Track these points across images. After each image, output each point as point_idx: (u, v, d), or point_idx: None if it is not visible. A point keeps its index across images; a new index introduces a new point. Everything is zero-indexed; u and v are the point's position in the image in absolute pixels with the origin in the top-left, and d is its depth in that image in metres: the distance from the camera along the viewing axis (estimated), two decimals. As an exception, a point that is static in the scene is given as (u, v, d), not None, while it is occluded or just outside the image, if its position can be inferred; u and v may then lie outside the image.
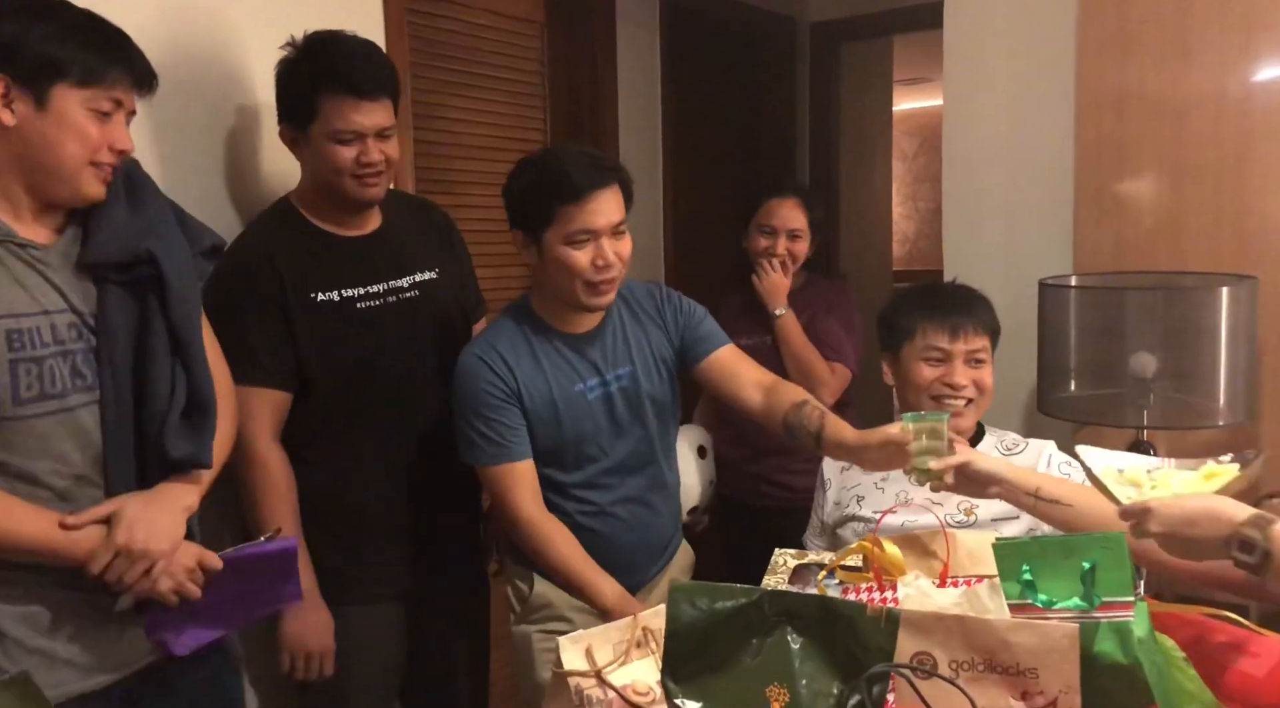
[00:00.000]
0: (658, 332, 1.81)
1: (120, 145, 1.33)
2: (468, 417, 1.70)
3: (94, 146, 1.30)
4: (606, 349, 1.77)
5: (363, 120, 1.68)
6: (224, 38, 1.88)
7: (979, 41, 2.52)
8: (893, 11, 3.65)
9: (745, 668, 1.04)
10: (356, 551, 1.78)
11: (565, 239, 1.64)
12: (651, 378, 1.79)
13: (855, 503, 1.77)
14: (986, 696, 1.00)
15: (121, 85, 1.32)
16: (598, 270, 1.65)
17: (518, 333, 1.74)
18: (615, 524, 1.77)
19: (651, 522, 1.83)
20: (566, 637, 1.20)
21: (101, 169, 1.32)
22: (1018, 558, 1.09)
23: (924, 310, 1.76)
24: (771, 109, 3.81)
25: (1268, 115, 2.13)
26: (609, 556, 1.73)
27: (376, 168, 1.72)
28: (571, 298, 1.69)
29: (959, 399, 1.72)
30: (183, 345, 1.38)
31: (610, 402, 1.74)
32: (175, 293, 1.36)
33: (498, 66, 2.64)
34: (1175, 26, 2.21)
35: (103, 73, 1.30)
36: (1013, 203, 2.49)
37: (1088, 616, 1.04)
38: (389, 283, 1.80)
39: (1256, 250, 2.14)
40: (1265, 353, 2.09)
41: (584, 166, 1.65)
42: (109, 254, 1.33)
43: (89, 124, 1.29)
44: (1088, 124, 2.33)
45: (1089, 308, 2.08)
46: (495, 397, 1.68)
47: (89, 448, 1.32)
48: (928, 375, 1.73)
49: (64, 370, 1.29)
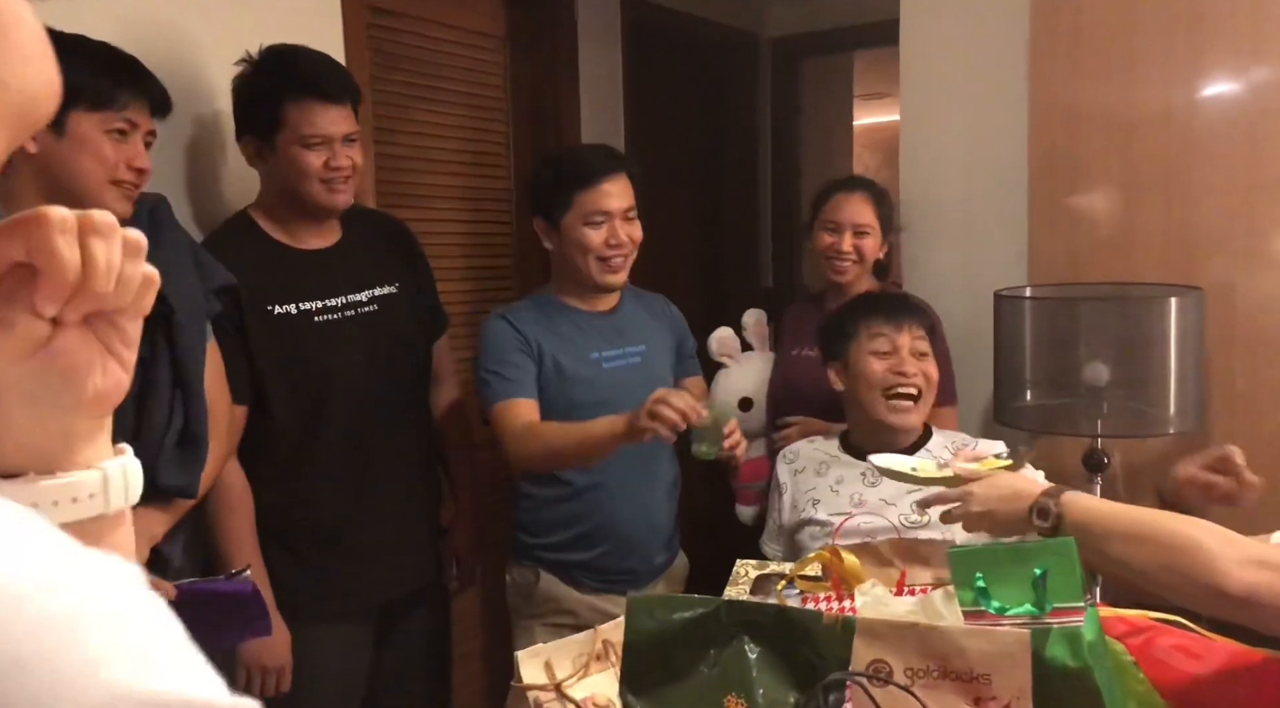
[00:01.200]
0: (663, 328, 2.00)
1: (138, 163, 1.42)
2: (485, 365, 1.83)
3: (112, 165, 1.39)
4: (623, 326, 1.95)
5: (330, 126, 1.70)
6: (182, 52, 1.87)
7: (934, 58, 2.56)
8: (853, 28, 3.70)
9: (703, 678, 1.04)
10: (313, 567, 1.77)
11: (583, 220, 1.83)
12: (661, 361, 1.96)
13: (811, 506, 1.80)
14: (941, 703, 1.01)
15: (134, 107, 1.42)
16: (610, 247, 1.84)
17: (539, 308, 1.91)
18: (615, 493, 1.87)
19: (649, 500, 1.92)
20: (524, 650, 1.20)
21: (124, 187, 1.40)
22: (971, 565, 1.10)
23: (865, 312, 1.87)
24: (734, 124, 3.85)
25: (1211, 130, 2.19)
26: (610, 527, 1.84)
27: (345, 173, 1.73)
28: (586, 276, 1.87)
29: (909, 387, 1.77)
30: (184, 381, 1.44)
31: (625, 373, 1.88)
32: (183, 332, 1.43)
33: (460, 81, 2.64)
34: (1123, 44, 2.26)
35: (114, 95, 1.39)
36: (969, 216, 2.53)
37: (1039, 621, 1.06)
38: (347, 297, 1.79)
39: (1202, 262, 2.19)
40: (1212, 362, 2.13)
41: (599, 156, 1.89)
42: None
43: (105, 144, 1.38)
44: (1040, 139, 2.38)
45: (1043, 319, 2.12)
46: (512, 345, 1.83)
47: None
48: (877, 368, 1.80)
49: None
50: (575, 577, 1.89)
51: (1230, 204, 2.18)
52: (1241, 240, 2.18)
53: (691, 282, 3.72)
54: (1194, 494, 1.44)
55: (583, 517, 1.86)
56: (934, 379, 1.82)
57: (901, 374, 1.79)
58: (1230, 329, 2.17)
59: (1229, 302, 2.17)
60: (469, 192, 2.69)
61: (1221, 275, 2.17)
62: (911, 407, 1.79)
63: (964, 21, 2.51)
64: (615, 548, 1.87)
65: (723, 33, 3.70)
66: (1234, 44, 2.16)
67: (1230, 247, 2.19)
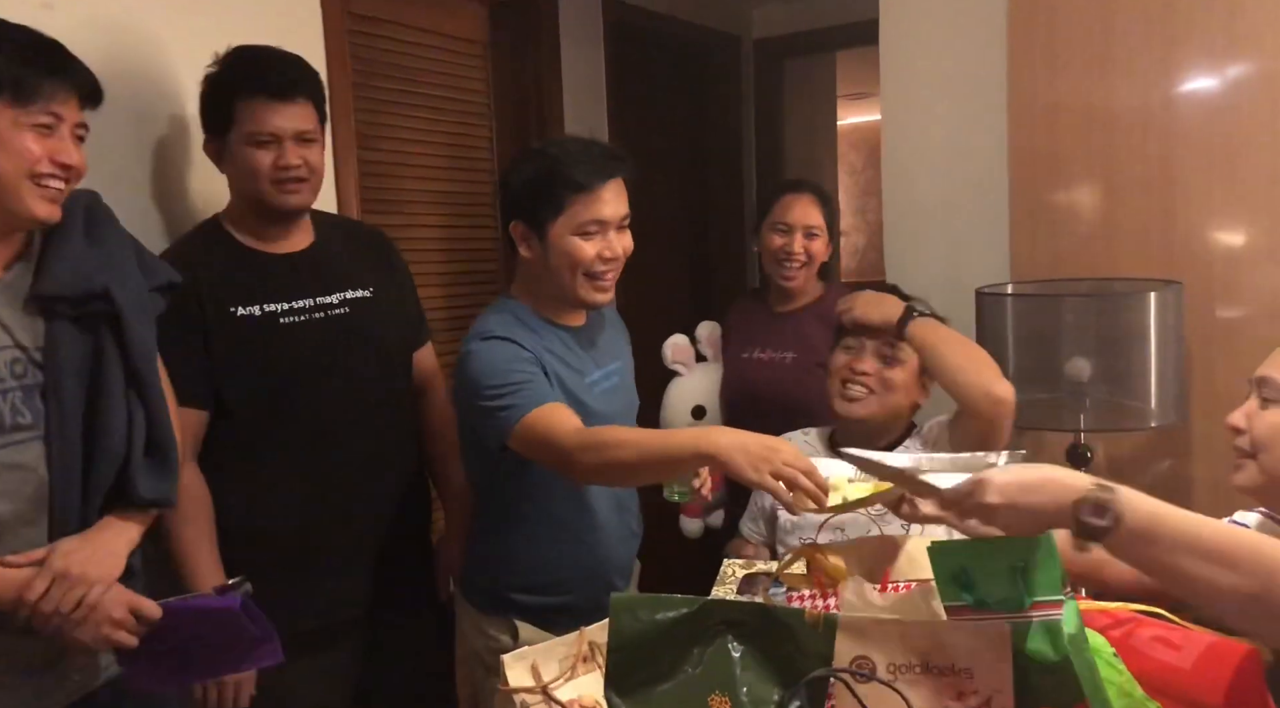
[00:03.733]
0: (622, 338, 1.86)
1: (63, 158, 1.29)
2: (494, 391, 1.53)
3: (31, 161, 1.26)
4: (597, 342, 1.74)
5: (279, 123, 1.66)
6: (161, 60, 1.87)
7: (914, 57, 2.58)
8: (835, 28, 3.72)
9: (687, 678, 1.04)
10: (277, 580, 1.56)
11: (575, 230, 1.58)
12: (630, 377, 1.82)
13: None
14: (924, 698, 1.02)
15: (59, 99, 1.28)
16: (603, 262, 1.61)
17: (520, 324, 1.64)
18: (601, 528, 1.71)
19: (625, 532, 1.78)
20: (510, 654, 1.20)
21: (46, 186, 1.28)
22: (952, 560, 1.11)
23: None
24: (718, 125, 3.86)
25: (1189, 126, 2.21)
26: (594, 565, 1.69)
27: (296, 172, 1.68)
28: (570, 292, 1.63)
29: (857, 385, 1.80)
30: (140, 384, 1.36)
31: (610, 397, 1.72)
32: (132, 330, 1.34)
33: (442, 86, 2.64)
34: (1100, 42, 2.28)
35: (35, 87, 1.26)
36: (951, 214, 2.55)
37: (1019, 615, 1.06)
38: (316, 299, 1.74)
39: (1182, 257, 2.21)
40: (1192, 356, 2.15)
41: (596, 156, 1.61)
42: (62, 287, 1.30)
43: (24, 139, 1.25)
44: (1020, 136, 2.39)
45: (1025, 315, 2.13)
46: (526, 363, 1.56)
47: (28, 486, 1.28)
48: (840, 361, 1.85)
49: (2, 408, 1.26)
50: (554, 621, 1.60)
51: (1209, 199, 2.20)
52: (1221, 234, 2.20)
53: (677, 283, 3.73)
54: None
55: (560, 559, 1.68)
56: (895, 384, 1.81)
57: (858, 372, 1.82)
58: (1211, 323, 2.19)
59: (1209, 295, 2.19)
60: (453, 197, 2.69)
61: (1201, 269, 2.19)
62: (863, 395, 1.81)
63: (943, 21, 2.53)
64: (597, 589, 1.64)
65: (705, 34, 3.71)
66: (1209, 40, 2.17)
67: (1210, 240, 2.21)
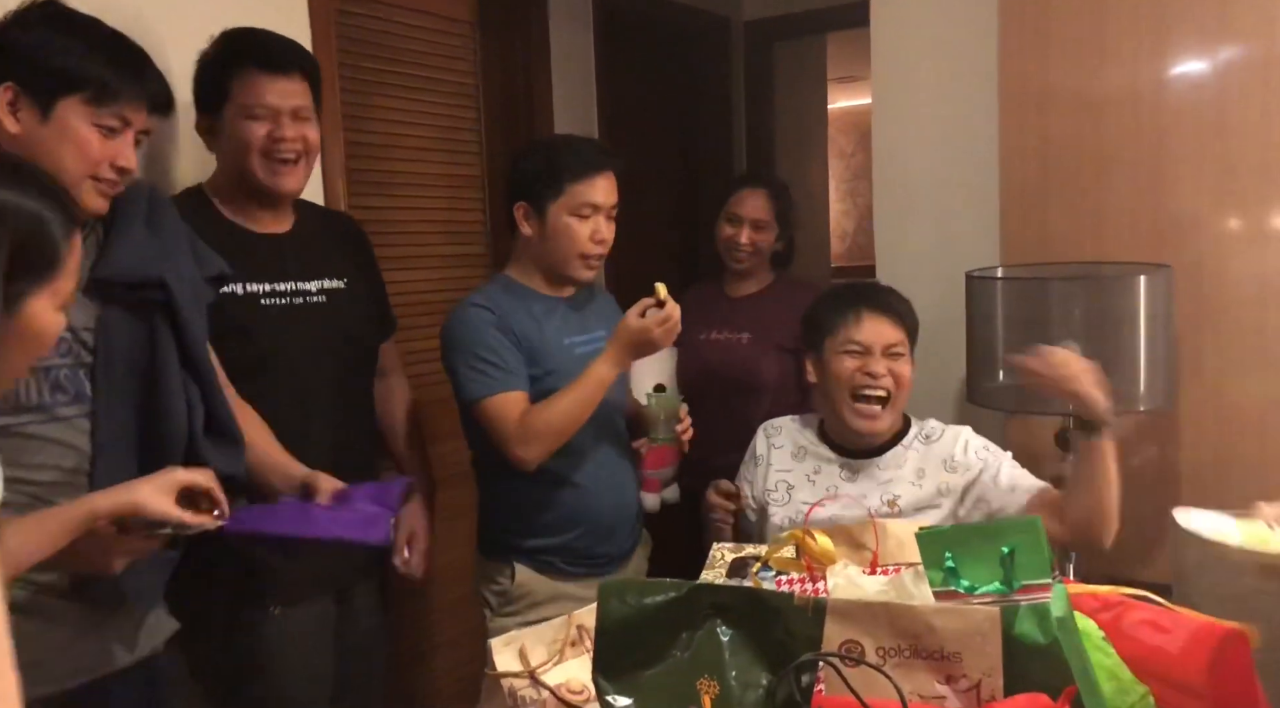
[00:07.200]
0: (613, 313, 1.97)
1: (122, 162, 1.34)
2: (466, 358, 1.78)
3: (94, 161, 1.32)
4: (585, 311, 1.95)
5: (276, 97, 1.67)
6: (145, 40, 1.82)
7: (904, 40, 2.56)
8: (825, 10, 3.69)
9: (676, 662, 1.04)
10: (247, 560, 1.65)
11: (571, 210, 1.83)
12: None
13: (786, 491, 1.80)
14: (913, 681, 1.02)
15: (131, 105, 1.35)
16: (594, 244, 1.85)
17: (506, 294, 1.88)
18: (589, 475, 1.86)
19: (622, 480, 1.93)
20: (499, 638, 1.20)
21: (102, 184, 1.34)
22: (940, 545, 1.11)
23: (845, 307, 1.82)
24: (707, 107, 3.84)
25: (1179, 111, 2.20)
26: (585, 509, 1.85)
27: (292, 147, 1.68)
28: (563, 269, 1.87)
29: (877, 389, 1.76)
30: (196, 371, 1.41)
31: (592, 358, 1.82)
32: (186, 318, 1.39)
33: (430, 67, 2.61)
34: (1091, 26, 2.27)
35: (115, 91, 1.32)
36: (941, 198, 2.54)
37: (1008, 599, 1.07)
38: (297, 284, 1.76)
39: (1171, 240, 2.21)
40: (1181, 339, 2.15)
41: (594, 150, 1.89)
42: (120, 272, 1.35)
43: (91, 139, 1.32)
44: (1011, 120, 2.38)
45: (1015, 299, 2.12)
46: (497, 336, 1.79)
47: (67, 460, 1.30)
48: (849, 366, 1.77)
49: (43, 385, 1.29)
50: (551, 564, 1.88)
51: (1199, 183, 2.19)
52: (1210, 219, 2.19)
53: (667, 266, 3.71)
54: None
55: (556, 501, 1.85)
56: (905, 380, 1.78)
57: (871, 374, 1.76)
58: (1199, 307, 2.19)
59: (1198, 279, 2.18)
60: (441, 178, 2.67)
61: (1191, 254, 2.18)
62: (879, 412, 1.76)
63: (934, 4, 2.51)
64: (590, 530, 1.86)
65: (695, 16, 3.68)
66: (1201, 24, 2.17)
67: (1199, 225, 2.20)
